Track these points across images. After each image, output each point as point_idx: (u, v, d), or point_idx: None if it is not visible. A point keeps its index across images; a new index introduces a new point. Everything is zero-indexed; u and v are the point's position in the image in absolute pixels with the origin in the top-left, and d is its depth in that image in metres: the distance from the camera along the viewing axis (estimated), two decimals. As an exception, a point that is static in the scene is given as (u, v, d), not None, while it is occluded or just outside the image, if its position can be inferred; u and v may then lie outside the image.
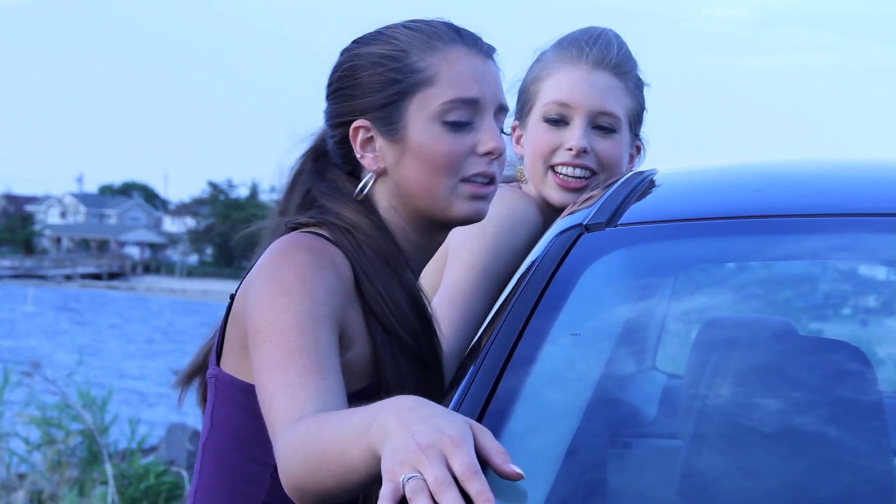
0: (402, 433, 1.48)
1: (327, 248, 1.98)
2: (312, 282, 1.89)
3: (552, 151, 2.55)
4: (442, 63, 2.05)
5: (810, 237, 2.07)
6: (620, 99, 2.58)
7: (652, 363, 2.94)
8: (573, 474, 1.75)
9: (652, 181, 2.25)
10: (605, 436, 1.90)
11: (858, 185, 2.23)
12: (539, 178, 2.57)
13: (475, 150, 2.04)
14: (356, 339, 1.96)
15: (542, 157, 2.56)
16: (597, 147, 2.55)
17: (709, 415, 1.81)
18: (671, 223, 2.12)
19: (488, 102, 2.06)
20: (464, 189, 2.05)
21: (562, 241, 2.02)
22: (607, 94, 2.56)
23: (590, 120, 2.54)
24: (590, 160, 2.54)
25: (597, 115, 2.55)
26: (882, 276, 2.54)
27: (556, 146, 2.55)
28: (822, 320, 3.28)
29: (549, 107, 2.56)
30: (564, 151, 2.54)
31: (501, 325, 1.87)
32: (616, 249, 2.05)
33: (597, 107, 2.55)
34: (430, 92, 2.04)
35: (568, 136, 2.54)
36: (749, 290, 2.47)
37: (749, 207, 2.13)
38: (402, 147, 2.05)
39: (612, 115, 2.55)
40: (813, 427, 1.80)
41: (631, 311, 2.05)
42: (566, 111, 2.55)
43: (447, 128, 2.03)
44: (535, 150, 2.57)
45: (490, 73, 2.09)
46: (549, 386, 1.85)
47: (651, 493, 1.84)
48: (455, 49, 2.07)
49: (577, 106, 2.54)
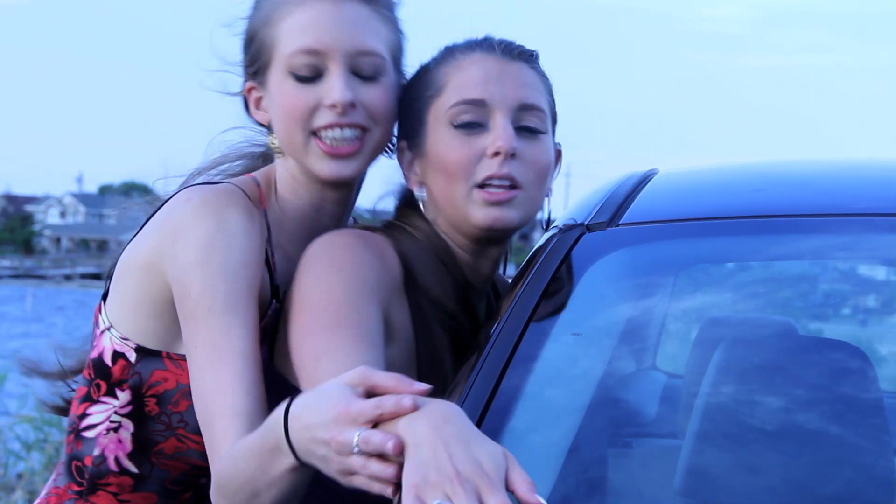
0: (438, 449, 1.39)
1: (378, 240, 2.00)
2: (363, 264, 1.90)
3: (310, 113, 2.03)
4: (453, 71, 2.05)
5: (810, 237, 2.07)
6: (379, 32, 2.07)
7: (652, 363, 2.94)
8: (574, 472, 1.76)
9: (653, 181, 2.25)
10: (606, 435, 1.91)
11: (858, 184, 2.23)
12: (299, 149, 2.06)
13: (486, 152, 2.01)
14: (400, 336, 1.96)
15: (298, 123, 2.04)
16: (363, 97, 2.04)
17: (709, 414, 1.81)
18: (672, 223, 2.12)
19: (498, 102, 2.02)
20: (477, 195, 2.02)
21: (563, 240, 2.03)
22: (363, 28, 2.05)
23: (348, 64, 2.03)
24: (358, 115, 2.04)
25: (356, 57, 2.04)
26: (882, 275, 2.55)
27: (313, 105, 2.03)
28: (822, 320, 3.29)
29: (296, 58, 2.02)
30: (326, 110, 2.03)
31: (503, 324, 1.88)
32: (617, 249, 2.06)
33: (355, 47, 2.03)
34: (441, 100, 2.04)
35: (326, 91, 2.02)
36: (749, 289, 2.48)
37: (749, 207, 2.13)
38: (426, 161, 2.07)
39: (375, 54, 2.05)
40: (813, 427, 1.80)
41: (632, 310, 2.05)
42: (318, 60, 2.02)
43: (458, 132, 2.02)
44: (289, 115, 2.04)
45: (507, 73, 2.04)
46: (550, 385, 1.85)
47: (651, 491, 1.85)
48: (469, 56, 2.06)
49: (331, 50, 2.02)
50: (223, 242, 1.95)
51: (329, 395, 1.49)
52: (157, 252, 2.01)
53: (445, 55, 2.09)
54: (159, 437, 2.08)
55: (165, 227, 2.03)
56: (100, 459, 2.10)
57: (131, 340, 2.07)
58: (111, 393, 2.09)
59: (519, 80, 2.05)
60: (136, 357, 2.07)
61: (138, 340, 2.07)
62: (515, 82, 2.04)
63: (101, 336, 2.11)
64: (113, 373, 2.09)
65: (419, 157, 2.08)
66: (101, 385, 2.10)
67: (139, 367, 2.07)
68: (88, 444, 2.11)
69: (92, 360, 2.12)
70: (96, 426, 2.11)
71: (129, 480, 2.11)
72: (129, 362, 2.07)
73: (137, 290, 2.06)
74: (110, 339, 2.09)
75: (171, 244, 1.99)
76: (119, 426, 2.09)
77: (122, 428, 2.09)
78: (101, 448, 2.10)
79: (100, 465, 2.10)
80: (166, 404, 2.07)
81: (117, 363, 2.08)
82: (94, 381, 2.11)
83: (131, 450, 2.10)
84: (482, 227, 2.04)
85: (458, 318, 2.06)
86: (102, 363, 2.10)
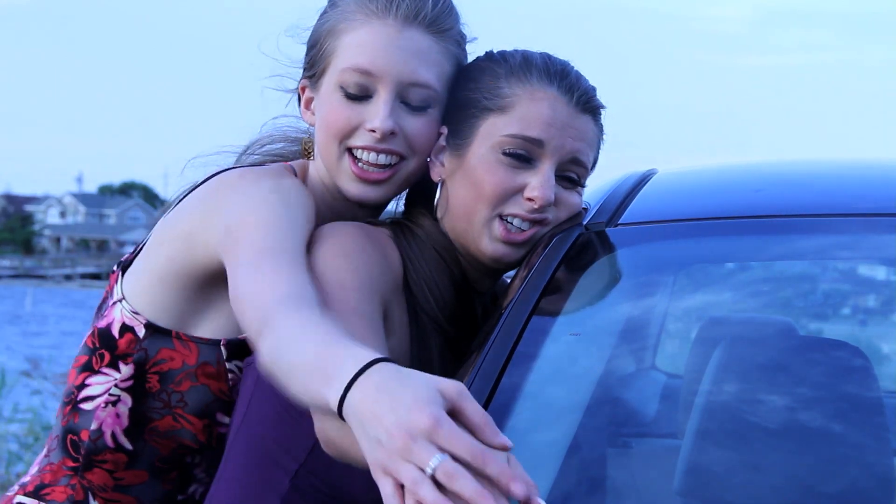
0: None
1: (381, 237, 2.00)
2: (361, 256, 1.90)
3: (351, 131, 2.04)
4: (525, 97, 2.03)
5: (810, 237, 2.07)
6: (437, 65, 2.06)
7: (652, 362, 2.95)
8: (574, 472, 1.76)
9: (652, 181, 2.25)
10: (606, 434, 1.91)
11: (859, 184, 2.23)
12: (333, 161, 2.07)
13: (523, 191, 2.02)
14: (395, 334, 1.96)
15: (336, 136, 2.05)
16: (406, 126, 2.04)
17: (708, 414, 1.81)
18: (671, 223, 2.12)
19: (554, 150, 2.02)
20: (497, 227, 2.03)
21: (562, 240, 2.03)
22: (421, 59, 2.04)
23: (398, 93, 2.04)
24: (397, 143, 2.04)
25: (406, 87, 2.04)
26: (882, 275, 2.55)
27: (355, 124, 2.04)
28: (822, 320, 3.29)
29: (348, 74, 2.03)
30: (366, 133, 2.03)
31: (503, 323, 1.88)
32: (616, 249, 2.06)
33: (408, 77, 2.03)
34: (502, 120, 2.03)
35: (371, 114, 2.03)
36: (749, 289, 2.48)
37: (749, 207, 2.13)
38: (459, 162, 2.06)
39: (427, 87, 2.04)
40: (812, 426, 1.80)
41: (631, 310, 2.05)
42: (368, 81, 2.03)
43: (505, 159, 2.02)
44: (331, 127, 2.05)
45: (573, 126, 2.04)
46: (549, 384, 1.85)
47: (650, 491, 1.85)
48: (545, 89, 2.04)
49: (384, 75, 2.02)
50: (280, 198, 1.92)
51: (416, 391, 1.35)
52: (201, 220, 1.98)
53: (522, 70, 2.06)
54: (156, 414, 2.08)
55: (215, 195, 1.99)
56: (97, 434, 2.09)
57: (142, 315, 2.06)
58: (113, 365, 2.08)
59: (581, 134, 2.05)
60: (144, 333, 2.06)
61: (150, 317, 2.06)
62: (576, 136, 2.05)
63: (112, 307, 2.10)
64: (119, 345, 2.08)
65: (455, 155, 2.07)
66: (105, 355, 2.09)
67: (146, 343, 2.06)
68: (86, 417, 2.10)
69: (98, 329, 2.11)
70: (95, 398, 2.09)
71: (123, 457, 2.10)
72: (137, 337, 2.07)
73: (167, 262, 2.03)
74: (121, 311, 2.08)
75: (220, 205, 1.94)
76: (118, 400, 2.08)
77: (120, 402, 2.08)
78: (98, 422, 2.09)
79: (96, 441, 2.09)
80: (168, 383, 2.07)
81: (124, 336, 2.07)
82: (97, 350, 2.10)
83: (127, 425, 2.09)
84: (487, 257, 2.05)
85: (457, 321, 2.05)
86: (109, 334, 2.09)
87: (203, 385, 2.07)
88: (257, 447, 1.96)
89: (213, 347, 2.07)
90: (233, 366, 2.08)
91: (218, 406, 2.08)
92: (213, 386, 2.07)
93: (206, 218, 1.97)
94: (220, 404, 2.08)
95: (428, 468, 1.30)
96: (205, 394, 2.07)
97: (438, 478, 1.30)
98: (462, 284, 2.08)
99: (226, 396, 2.08)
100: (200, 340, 2.06)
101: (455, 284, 2.06)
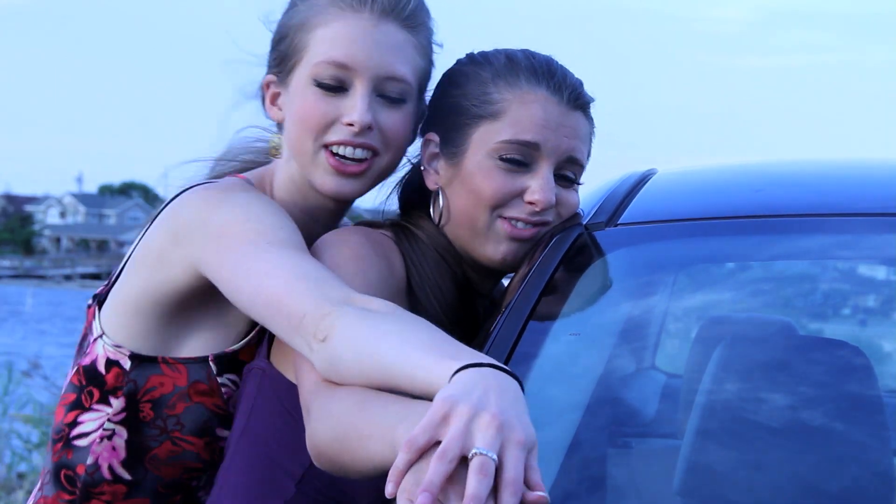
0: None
1: (384, 242, 2.00)
2: (366, 261, 1.90)
3: (327, 125, 2.01)
4: (515, 101, 2.03)
5: (810, 237, 2.07)
6: (412, 59, 2.05)
7: (652, 362, 2.95)
8: (574, 471, 1.76)
9: (652, 181, 2.25)
10: (606, 434, 1.91)
11: (858, 184, 2.23)
12: (307, 158, 2.03)
13: (523, 194, 2.03)
14: None
15: (312, 131, 2.01)
16: (382, 120, 2.02)
17: (708, 413, 1.81)
18: (671, 223, 2.12)
19: (550, 151, 2.03)
20: (501, 226, 2.04)
21: (562, 240, 2.03)
22: (397, 53, 2.02)
23: (374, 85, 2.01)
24: (373, 138, 2.01)
25: (383, 80, 2.02)
26: (882, 275, 2.55)
27: (331, 118, 2.00)
28: (822, 320, 3.29)
29: (322, 67, 2.00)
30: (342, 127, 2.00)
31: (502, 324, 1.88)
32: (616, 249, 2.06)
33: (385, 71, 2.01)
34: (495, 126, 2.03)
35: (347, 108, 2.00)
36: (749, 289, 2.48)
37: (749, 207, 2.13)
38: (455, 171, 2.06)
39: (403, 81, 2.03)
40: (812, 426, 1.80)
41: (631, 310, 2.06)
42: (345, 74, 2.00)
43: (502, 165, 2.02)
44: (306, 122, 2.02)
45: (566, 125, 2.04)
46: (549, 384, 1.85)
47: (650, 490, 1.85)
48: (534, 91, 2.04)
49: (361, 69, 1.99)
50: (260, 207, 1.92)
51: (526, 414, 1.40)
52: (172, 238, 1.96)
53: (508, 72, 2.06)
54: (153, 442, 2.05)
55: (185, 212, 1.97)
56: (93, 468, 2.06)
57: (125, 348, 2.04)
58: (104, 400, 2.06)
59: (575, 132, 2.06)
60: (130, 364, 2.04)
61: (133, 347, 2.04)
62: (571, 134, 2.05)
63: (94, 343, 2.08)
64: (107, 380, 2.05)
65: (451, 163, 2.07)
66: (94, 392, 2.06)
67: (134, 374, 2.04)
68: (80, 453, 2.07)
69: (83, 367, 2.08)
70: (89, 434, 2.06)
71: (122, 488, 2.07)
72: (124, 370, 2.04)
73: (141, 289, 2.02)
74: (103, 346, 2.06)
75: (199, 220, 1.92)
76: (113, 433, 2.05)
77: (115, 435, 2.05)
78: (94, 456, 2.06)
79: (93, 474, 2.06)
80: (162, 408, 2.04)
81: (111, 371, 2.05)
82: (85, 387, 2.07)
83: (125, 457, 2.06)
84: (494, 260, 2.06)
85: (460, 323, 2.05)
86: (95, 370, 2.06)
87: (197, 404, 2.05)
88: (261, 452, 1.95)
89: (201, 365, 2.05)
90: (225, 379, 2.06)
91: (216, 422, 2.06)
92: (208, 402, 2.05)
93: (178, 235, 1.95)
94: (218, 419, 2.06)
95: (475, 449, 1.31)
96: (200, 412, 2.05)
97: (470, 464, 1.30)
98: (464, 286, 2.08)
99: (222, 411, 2.06)
100: (188, 360, 2.05)
101: (457, 286, 2.06)
